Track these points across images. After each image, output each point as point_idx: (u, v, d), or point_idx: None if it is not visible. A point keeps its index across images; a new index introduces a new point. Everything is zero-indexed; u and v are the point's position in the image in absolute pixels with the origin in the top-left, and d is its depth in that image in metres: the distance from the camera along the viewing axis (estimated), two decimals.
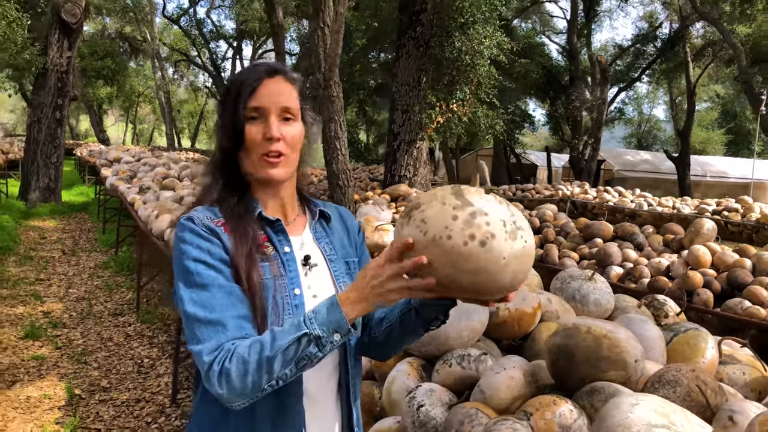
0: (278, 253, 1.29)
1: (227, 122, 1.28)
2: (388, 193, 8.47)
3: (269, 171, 1.28)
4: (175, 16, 33.81)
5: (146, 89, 43.74)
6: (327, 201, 1.47)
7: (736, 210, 9.35)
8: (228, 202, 1.29)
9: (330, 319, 1.12)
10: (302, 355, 1.11)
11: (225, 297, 1.17)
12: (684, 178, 22.39)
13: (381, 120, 35.18)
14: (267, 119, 1.27)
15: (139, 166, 10.14)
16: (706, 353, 1.97)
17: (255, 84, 1.27)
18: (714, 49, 23.10)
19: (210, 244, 1.21)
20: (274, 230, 1.32)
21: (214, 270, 1.18)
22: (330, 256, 1.38)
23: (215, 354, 1.12)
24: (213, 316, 1.15)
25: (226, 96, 1.30)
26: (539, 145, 41.14)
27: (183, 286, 1.18)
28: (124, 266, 8.24)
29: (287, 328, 1.13)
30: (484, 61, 9.59)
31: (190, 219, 1.24)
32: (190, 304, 1.16)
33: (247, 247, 1.23)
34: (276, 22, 19.21)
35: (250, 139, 1.26)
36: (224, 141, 1.30)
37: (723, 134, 39.39)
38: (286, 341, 1.10)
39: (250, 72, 1.30)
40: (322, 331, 1.11)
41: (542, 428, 1.50)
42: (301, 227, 1.40)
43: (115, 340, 5.54)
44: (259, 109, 1.27)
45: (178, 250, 1.21)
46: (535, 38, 26.20)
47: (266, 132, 1.26)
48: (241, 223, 1.26)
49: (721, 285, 4.21)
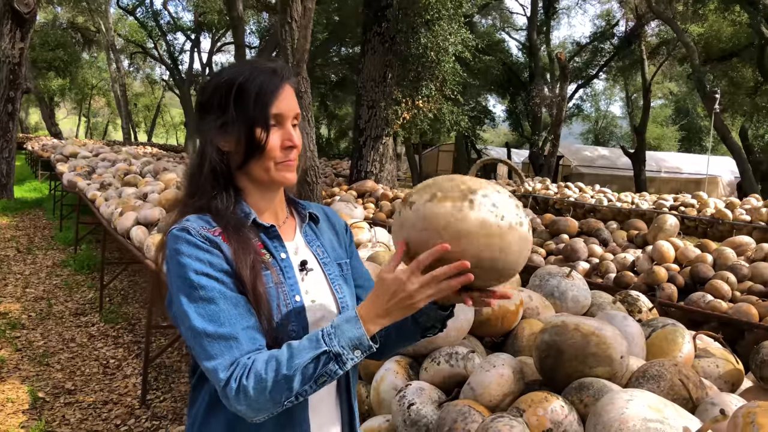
0: (276, 260, 1.26)
1: (243, 126, 1.22)
2: (354, 189, 8.47)
3: (287, 175, 1.25)
4: (130, 7, 32.98)
5: (100, 81, 42.68)
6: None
7: (692, 205, 9.64)
8: (222, 210, 1.24)
9: (350, 336, 1.10)
10: (322, 372, 1.09)
11: (233, 309, 1.14)
12: (640, 173, 22.98)
13: (342, 114, 35.16)
14: (284, 126, 1.24)
15: (97, 162, 9.87)
16: (683, 348, 2.04)
17: (278, 89, 1.23)
18: (668, 48, 23.77)
19: (210, 255, 1.16)
20: (269, 237, 1.29)
21: (218, 282, 1.15)
22: (323, 260, 1.36)
23: (231, 370, 1.09)
24: (223, 330, 1.12)
25: (239, 97, 1.22)
26: (499, 140, 41.67)
27: (186, 301, 1.14)
28: (84, 265, 8.03)
29: (305, 344, 1.11)
30: (449, 58, 9.66)
31: (185, 230, 1.18)
32: (198, 319, 1.12)
33: (250, 258, 1.19)
34: (236, 14, 18.99)
35: (270, 146, 1.22)
36: (229, 144, 1.24)
37: (677, 131, 40.56)
38: (304, 359, 1.08)
39: (266, 75, 1.24)
40: (342, 349, 1.09)
41: (535, 424, 1.53)
42: (292, 231, 1.37)
43: (78, 340, 5.40)
44: (278, 116, 1.23)
45: (176, 263, 1.16)
46: (496, 35, 26.52)
47: (287, 140, 1.24)
48: (240, 232, 1.22)
49: (684, 279, 4.34)
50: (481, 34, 19.35)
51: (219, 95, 1.24)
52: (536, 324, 2.22)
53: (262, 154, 1.22)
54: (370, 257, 3.15)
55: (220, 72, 1.30)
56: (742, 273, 4.25)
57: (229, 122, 1.22)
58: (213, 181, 1.25)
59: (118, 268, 7.44)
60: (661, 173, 27.44)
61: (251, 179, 1.28)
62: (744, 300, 3.94)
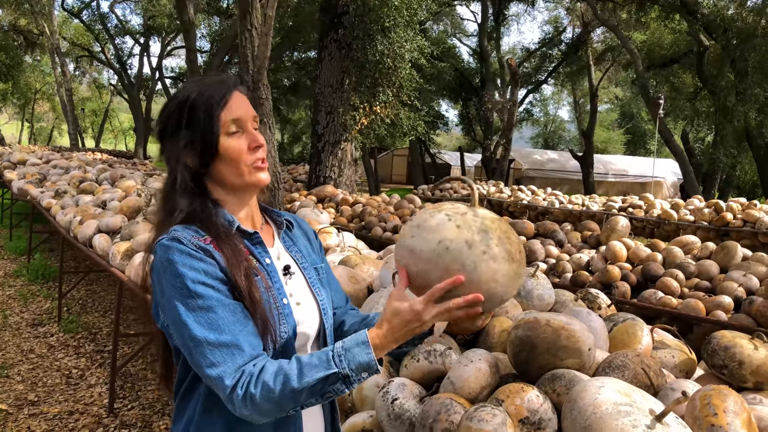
0: (262, 265, 1.30)
1: (199, 138, 1.26)
2: (314, 194, 8.52)
3: (261, 176, 1.30)
4: (75, 10, 32.12)
5: (44, 86, 41.38)
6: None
7: (639, 206, 10.03)
8: (207, 219, 1.27)
9: (360, 360, 1.15)
10: (329, 389, 1.14)
11: (231, 316, 1.17)
12: (588, 176, 23.63)
13: (296, 119, 34.99)
14: (246, 129, 1.29)
15: (48, 169, 9.65)
16: (642, 340, 2.19)
17: (227, 97, 1.27)
18: (613, 54, 24.56)
19: (204, 264, 1.18)
20: (253, 243, 1.32)
21: (214, 290, 1.17)
22: (302, 264, 1.42)
23: (237, 377, 1.12)
24: (225, 338, 1.14)
25: (191, 113, 1.26)
26: (452, 145, 42.21)
27: (184, 311, 1.15)
28: (38, 274, 7.85)
29: (316, 362, 1.15)
30: (405, 65, 9.82)
31: (177, 239, 1.19)
32: (198, 327, 1.14)
33: (243, 265, 1.22)
34: (187, 18, 18.75)
35: (236, 151, 1.26)
36: (194, 159, 1.28)
37: (622, 134, 41.85)
38: (314, 378, 1.12)
39: (215, 86, 1.28)
40: (351, 372, 1.14)
41: (513, 413, 1.64)
42: (271, 238, 1.42)
43: (38, 351, 5.31)
44: (237, 121, 1.27)
45: (170, 274, 1.17)
46: (448, 41, 26.91)
47: (251, 141, 1.29)
48: (230, 240, 1.25)
49: (636, 277, 4.57)
50: (433, 41, 19.63)
51: (174, 118, 1.29)
52: (506, 322, 2.34)
53: (230, 159, 1.27)
54: (341, 261, 3.23)
55: (171, 98, 1.34)
56: (689, 270, 4.49)
57: (190, 139, 1.27)
58: (189, 197, 1.28)
59: (75, 278, 7.31)
60: (608, 176, 28.29)
61: (226, 188, 1.31)
62: (692, 296, 4.17)
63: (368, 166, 21.65)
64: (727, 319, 3.83)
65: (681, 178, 21.76)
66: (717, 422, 1.47)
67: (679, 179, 24.74)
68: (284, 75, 25.19)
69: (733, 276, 4.25)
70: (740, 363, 1.92)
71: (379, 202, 8.25)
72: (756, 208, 8.40)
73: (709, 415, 1.49)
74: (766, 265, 4.31)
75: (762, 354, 1.93)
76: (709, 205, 8.84)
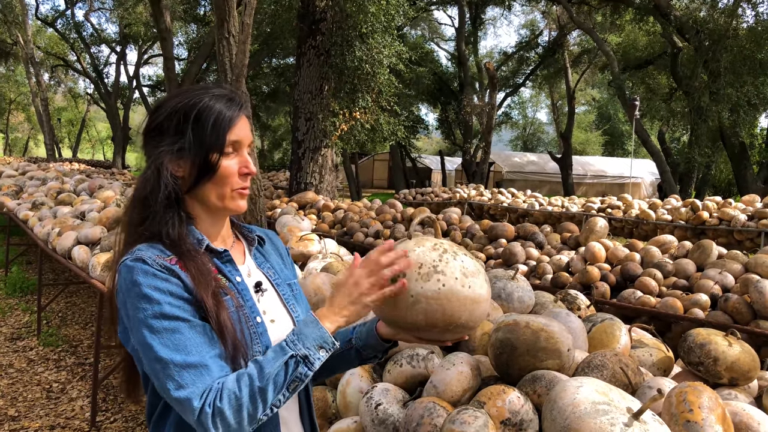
0: (232, 283, 1.28)
1: (200, 151, 1.23)
2: (295, 201, 8.51)
3: (240, 203, 1.29)
4: (49, 19, 31.79)
5: (19, 96, 40.86)
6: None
7: (618, 207, 10.16)
8: (175, 238, 1.23)
9: (314, 336, 1.16)
10: (293, 377, 1.13)
11: (198, 336, 1.14)
12: (567, 178, 23.86)
13: (276, 126, 34.92)
14: (241, 154, 1.27)
15: (24, 180, 9.54)
16: (620, 340, 2.23)
17: (236, 117, 1.27)
18: (589, 56, 24.88)
19: (169, 284, 1.15)
20: (222, 261, 1.30)
21: (181, 310, 1.14)
22: (275, 281, 1.40)
23: (204, 397, 1.09)
24: (192, 359, 1.11)
25: (197, 122, 1.23)
26: (433, 149, 42.37)
27: (149, 333, 1.12)
28: (16, 288, 7.74)
29: (271, 355, 1.14)
30: (383, 70, 9.86)
31: (141, 260, 1.16)
32: (163, 349, 1.11)
33: (210, 286, 1.19)
34: (164, 26, 18.66)
35: (227, 173, 1.25)
36: (187, 169, 1.25)
37: (600, 135, 42.31)
38: (274, 367, 1.11)
39: (225, 102, 1.26)
40: (308, 350, 1.14)
41: (495, 415, 1.67)
42: (241, 255, 1.39)
43: (17, 366, 5.24)
44: (236, 143, 1.26)
45: (134, 295, 1.14)
46: (426, 45, 27.04)
47: (244, 167, 1.27)
48: (196, 260, 1.22)
49: (615, 277, 4.63)
50: (411, 45, 19.73)
51: (176, 119, 1.24)
52: (487, 324, 2.37)
53: (219, 180, 1.24)
54: (323, 268, 3.24)
55: (175, 95, 1.29)
56: (667, 269, 4.57)
57: (186, 147, 1.23)
58: (167, 206, 1.24)
59: (55, 290, 7.22)
60: (587, 177, 28.58)
61: (203, 205, 1.29)
62: (670, 294, 4.24)
63: (349, 172, 21.67)
64: (704, 316, 3.90)
65: (659, 178, 22.05)
66: (692, 418, 1.51)
67: (657, 179, 25.08)
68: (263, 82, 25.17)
69: (709, 274, 4.32)
70: (715, 360, 1.96)
71: (361, 208, 8.26)
72: (731, 206, 8.55)
73: (685, 411, 1.53)
74: (741, 263, 4.40)
75: (736, 350, 1.97)
76: (685, 204, 8.98)
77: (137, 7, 26.54)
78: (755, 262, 4.23)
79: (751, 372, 1.97)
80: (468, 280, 1.29)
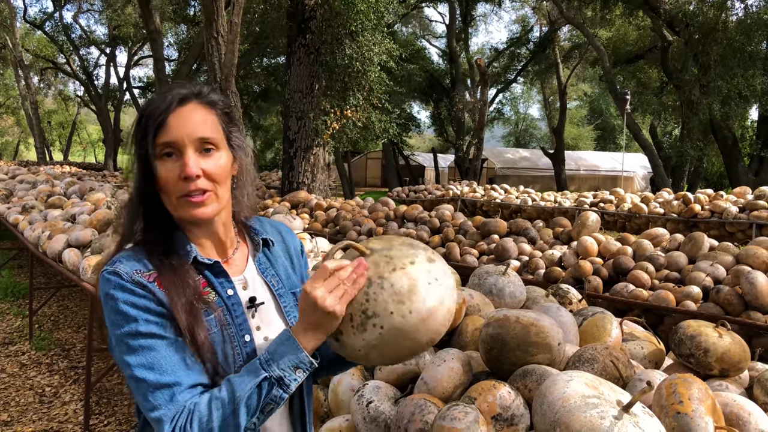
0: (221, 298, 1.20)
1: (136, 159, 1.17)
2: (288, 200, 8.49)
3: (193, 212, 1.15)
4: (38, 21, 31.56)
5: (8, 99, 40.61)
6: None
7: (610, 201, 10.18)
8: (156, 249, 1.17)
9: (288, 356, 1.07)
10: (267, 400, 1.06)
11: (173, 355, 1.09)
12: (560, 173, 23.93)
13: (267, 125, 34.82)
14: (183, 155, 1.14)
15: (15, 184, 9.49)
16: (611, 333, 2.23)
17: (163, 115, 1.14)
18: (580, 51, 24.92)
19: (145, 300, 1.10)
20: (214, 273, 1.22)
21: (156, 326, 1.09)
22: (278, 291, 1.30)
23: (176, 420, 1.05)
24: (165, 378, 1.07)
25: (137, 129, 1.17)
26: (425, 146, 42.38)
27: (125, 350, 1.08)
28: (7, 292, 7.70)
29: (244, 376, 1.07)
30: (374, 68, 9.85)
31: (116, 273, 1.11)
32: (138, 368, 1.07)
33: (185, 302, 1.12)
34: (153, 27, 18.60)
35: (164, 179, 1.14)
36: (138, 180, 1.18)
37: (592, 130, 42.41)
38: (246, 391, 1.05)
39: (160, 100, 1.16)
40: (282, 372, 1.06)
41: (486, 410, 1.66)
42: (243, 261, 1.30)
43: (9, 370, 5.20)
44: (171, 144, 1.13)
45: (110, 310, 1.10)
46: (417, 43, 27.04)
47: (182, 171, 1.13)
48: (177, 275, 1.15)
49: (607, 271, 4.64)
50: (402, 43, 19.73)
51: (132, 131, 1.20)
52: (478, 320, 2.36)
53: (163, 188, 1.15)
54: (314, 267, 3.23)
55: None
56: (659, 262, 4.57)
57: (136, 156, 1.18)
58: (143, 214, 1.19)
59: (46, 294, 7.18)
60: (579, 171, 28.67)
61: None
62: (662, 287, 4.25)
63: (342, 170, 21.65)
64: (696, 308, 3.91)
65: (650, 171, 22.12)
66: (682, 409, 1.51)
67: (649, 172, 25.15)
68: (254, 81, 25.08)
69: (700, 266, 4.34)
70: (706, 351, 1.96)
71: (353, 206, 8.25)
72: (722, 198, 8.59)
73: (675, 402, 1.53)
74: (732, 255, 4.41)
75: (726, 341, 1.98)
76: (677, 197, 9.01)
77: (126, 9, 26.43)
78: (746, 253, 4.24)
79: (741, 363, 1.97)
80: (406, 306, 1.07)
